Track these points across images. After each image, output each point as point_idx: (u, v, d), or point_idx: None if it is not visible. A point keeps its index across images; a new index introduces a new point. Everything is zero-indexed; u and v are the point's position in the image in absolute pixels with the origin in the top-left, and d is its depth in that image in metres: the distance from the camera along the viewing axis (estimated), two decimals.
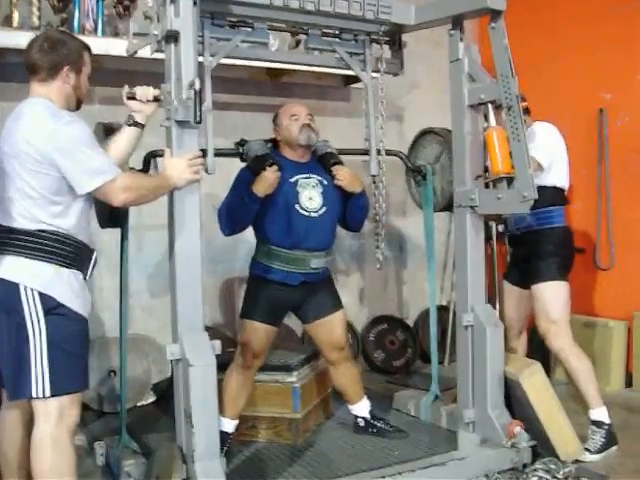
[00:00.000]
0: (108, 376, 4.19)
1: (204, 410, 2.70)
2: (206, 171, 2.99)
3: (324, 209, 3.40)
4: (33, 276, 2.43)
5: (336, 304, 3.62)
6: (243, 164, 3.46)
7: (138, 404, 4.32)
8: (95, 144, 2.49)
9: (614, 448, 3.50)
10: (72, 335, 2.49)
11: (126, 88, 2.80)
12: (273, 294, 3.41)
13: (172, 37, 2.73)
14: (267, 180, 3.24)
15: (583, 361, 3.58)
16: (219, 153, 3.25)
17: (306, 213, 3.37)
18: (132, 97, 2.77)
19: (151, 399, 4.43)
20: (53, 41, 2.57)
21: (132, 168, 3.00)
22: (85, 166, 2.42)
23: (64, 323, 2.45)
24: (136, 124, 2.79)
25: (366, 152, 3.73)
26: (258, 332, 3.40)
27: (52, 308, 2.43)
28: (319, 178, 3.44)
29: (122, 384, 3.35)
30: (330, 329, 3.57)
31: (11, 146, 2.44)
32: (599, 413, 3.53)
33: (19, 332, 2.41)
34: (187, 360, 2.69)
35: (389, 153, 3.75)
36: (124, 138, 2.78)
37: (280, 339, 4.13)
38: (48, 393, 2.41)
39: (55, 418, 2.43)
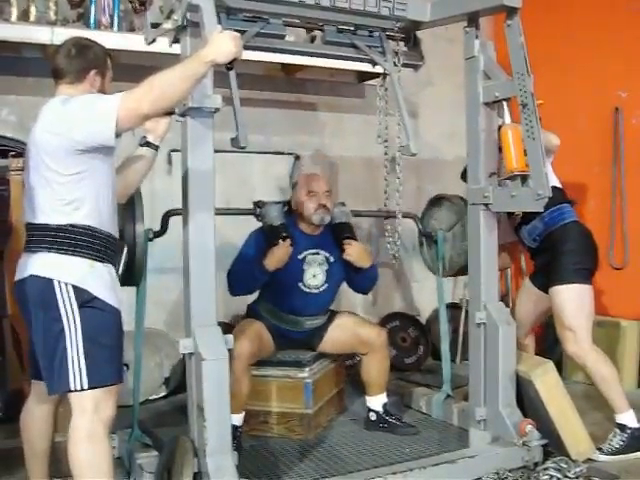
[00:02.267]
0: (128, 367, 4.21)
1: (216, 404, 2.71)
2: (239, 146, 2.86)
3: (325, 286, 3.63)
4: (66, 271, 2.44)
5: (331, 316, 3.77)
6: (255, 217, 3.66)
7: (150, 397, 4.34)
8: (98, 95, 2.49)
9: (638, 454, 3.40)
10: (107, 327, 2.50)
11: None
12: (274, 326, 3.63)
13: (192, 24, 2.73)
14: (278, 257, 3.42)
15: (603, 365, 3.46)
16: (235, 212, 3.48)
17: (307, 290, 3.61)
18: None
19: (163, 393, 4.45)
20: (80, 46, 2.62)
21: None
22: (96, 112, 2.37)
23: (99, 316, 2.47)
24: (149, 144, 2.80)
25: (382, 215, 3.89)
26: (255, 325, 3.54)
27: (86, 301, 2.44)
28: (327, 255, 3.63)
29: (135, 378, 3.37)
30: (342, 330, 3.73)
31: (36, 143, 2.46)
32: (625, 417, 3.43)
33: (55, 326, 2.42)
34: (200, 354, 2.70)
35: (405, 216, 3.80)
36: (138, 159, 2.79)
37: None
38: (85, 385, 2.42)
39: (91, 411, 2.44)
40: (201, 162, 2.80)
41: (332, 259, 3.63)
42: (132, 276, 3.04)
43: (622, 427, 3.43)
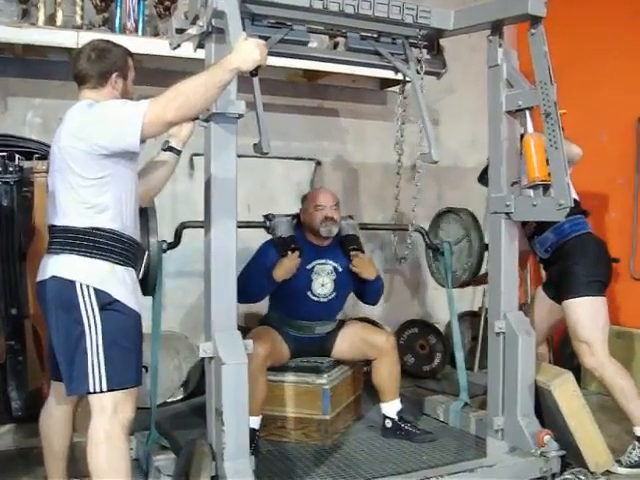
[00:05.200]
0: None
1: (235, 408, 2.71)
2: (261, 151, 2.89)
3: (334, 294, 3.73)
4: (88, 273, 2.46)
5: (342, 322, 3.86)
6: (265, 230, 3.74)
7: (168, 400, 4.36)
8: (124, 101, 2.49)
9: None
10: (127, 330, 2.52)
11: None
12: (286, 334, 3.71)
13: (217, 30, 2.75)
14: (286, 268, 3.54)
15: (621, 378, 3.43)
16: (245, 225, 3.53)
17: (316, 299, 3.71)
18: None
19: (181, 395, 4.46)
20: (100, 50, 2.63)
21: None
22: (121, 119, 2.39)
23: (119, 318, 2.49)
24: (171, 149, 2.83)
25: (388, 228, 4.05)
26: (269, 330, 3.64)
27: (107, 304, 2.46)
28: (334, 265, 3.74)
29: (153, 380, 3.38)
30: (351, 336, 3.79)
31: (61, 146, 2.49)
32: None
33: (76, 328, 2.45)
34: (220, 358, 2.71)
35: (416, 229, 3.88)
36: (160, 164, 2.82)
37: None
38: (105, 387, 2.44)
39: (109, 413, 2.46)
40: (224, 168, 2.81)
41: (340, 269, 3.73)
42: (147, 287, 3.06)
43: None
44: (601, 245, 3.64)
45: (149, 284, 3.09)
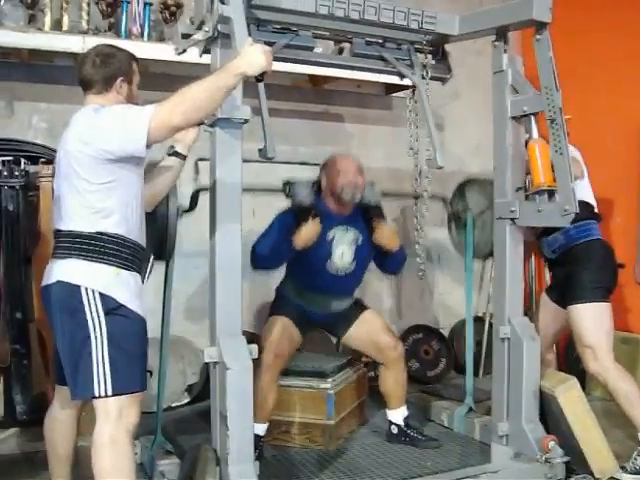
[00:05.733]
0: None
1: (240, 413, 2.71)
2: (266, 157, 2.92)
3: (354, 266, 3.61)
4: (94, 278, 2.47)
5: (360, 307, 3.75)
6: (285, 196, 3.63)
7: (173, 404, 4.36)
8: (129, 106, 2.49)
9: None
10: (132, 335, 2.52)
11: None
12: (298, 310, 3.60)
13: (222, 35, 2.76)
14: (307, 235, 3.39)
15: (625, 383, 3.41)
16: (264, 188, 3.31)
17: (335, 269, 3.59)
18: None
19: (185, 400, 4.47)
20: (104, 55, 2.64)
21: None
22: (128, 123, 2.40)
23: (124, 323, 2.49)
24: (177, 154, 2.83)
25: (411, 195, 3.80)
26: (281, 327, 3.51)
27: (113, 308, 2.47)
28: (356, 232, 3.60)
29: (159, 385, 3.39)
30: (366, 330, 3.68)
31: (67, 151, 2.50)
32: None
33: (81, 332, 2.45)
34: (224, 363, 2.71)
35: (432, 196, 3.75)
36: (165, 168, 2.82)
37: (314, 345, 4.16)
38: (110, 392, 2.45)
39: (114, 418, 2.46)
40: (229, 173, 2.82)
41: (361, 238, 3.60)
42: (163, 251, 3.09)
43: None
44: (609, 251, 3.63)
45: (167, 248, 3.09)
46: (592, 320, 3.45)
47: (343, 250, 3.56)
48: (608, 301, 3.51)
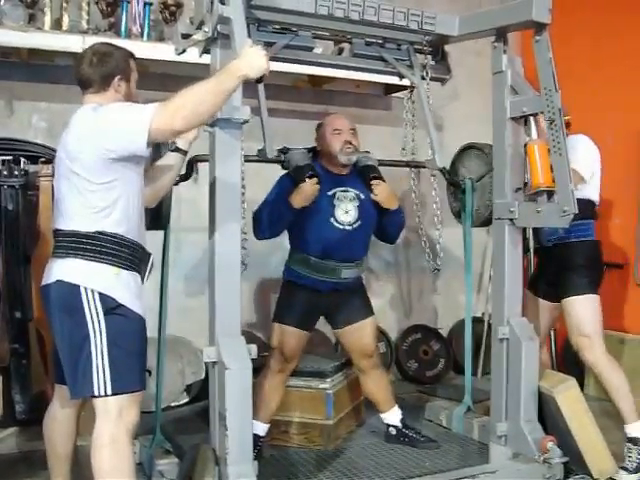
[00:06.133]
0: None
1: (239, 413, 2.71)
2: (265, 157, 2.94)
3: (359, 223, 3.47)
4: (93, 277, 2.48)
5: (367, 311, 3.67)
6: (283, 171, 3.51)
7: (172, 404, 4.36)
8: (129, 105, 2.49)
9: None
10: (131, 334, 2.52)
11: None
12: (305, 299, 3.50)
13: (222, 36, 2.76)
14: (305, 193, 3.31)
15: (617, 374, 3.51)
16: (260, 159, 3.28)
17: (340, 226, 3.44)
18: None
19: (185, 400, 4.47)
20: (101, 54, 2.63)
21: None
22: (128, 123, 2.40)
23: (124, 322, 2.50)
24: (178, 150, 2.83)
25: (407, 165, 3.76)
26: (289, 336, 3.46)
27: (112, 308, 2.47)
28: (356, 192, 3.50)
29: (158, 384, 3.39)
30: (360, 335, 3.62)
31: (67, 151, 2.50)
32: (635, 429, 3.46)
33: (80, 332, 2.46)
34: (223, 363, 2.71)
35: (429, 166, 3.70)
36: (167, 164, 2.83)
37: (314, 346, 4.16)
38: (109, 391, 2.45)
39: (114, 417, 2.46)
40: (229, 173, 2.82)
41: (362, 196, 3.50)
42: (160, 219, 3.13)
43: (634, 440, 3.45)
44: (601, 252, 3.71)
45: (161, 217, 3.11)
46: (591, 310, 3.55)
47: (347, 207, 3.45)
48: (599, 294, 3.62)
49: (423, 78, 3.57)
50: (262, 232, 3.40)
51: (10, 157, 3.47)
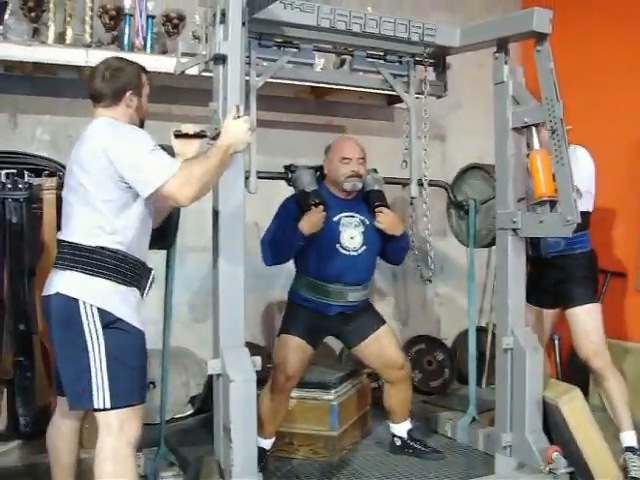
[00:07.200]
0: (147, 388, 4.22)
1: (243, 426, 2.70)
2: (248, 191, 3.02)
3: (364, 248, 3.50)
4: (92, 292, 2.48)
5: (377, 321, 3.67)
6: (286, 182, 3.56)
7: (176, 416, 4.35)
8: (154, 147, 2.51)
9: None
10: (130, 348, 2.53)
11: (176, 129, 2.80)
12: (312, 317, 3.51)
13: (220, 59, 2.77)
14: (313, 222, 3.34)
15: (620, 382, 3.57)
16: (266, 176, 3.31)
17: (346, 252, 3.48)
18: (178, 135, 2.75)
19: (189, 412, 4.46)
20: (113, 69, 2.66)
21: None
22: (145, 168, 2.45)
23: (122, 337, 2.50)
24: None
25: (402, 184, 3.87)
26: (294, 348, 3.44)
27: (111, 322, 2.48)
28: (361, 217, 3.53)
29: (162, 396, 3.39)
30: (379, 347, 3.60)
31: (79, 164, 2.52)
32: (630, 437, 3.49)
33: (79, 345, 2.46)
34: (227, 375, 2.70)
35: (432, 184, 3.81)
36: None
37: (318, 356, 4.15)
38: (108, 405, 2.46)
39: (116, 431, 2.47)
40: (231, 186, 2.82)
41: (367, 222, 3.53)
42: (166, 238, 3.12)
43: (633, 449, 3.46)
44: (597, 261, 3.76)
45: (169, 235, 3.12)
46: (596, 318, 3.61)
47: (352, 233, 3.48)
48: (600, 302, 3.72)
49: (421, 93, 3.61)
50: (272, 259, 3.44)
51: (14, 170, 3.49)
